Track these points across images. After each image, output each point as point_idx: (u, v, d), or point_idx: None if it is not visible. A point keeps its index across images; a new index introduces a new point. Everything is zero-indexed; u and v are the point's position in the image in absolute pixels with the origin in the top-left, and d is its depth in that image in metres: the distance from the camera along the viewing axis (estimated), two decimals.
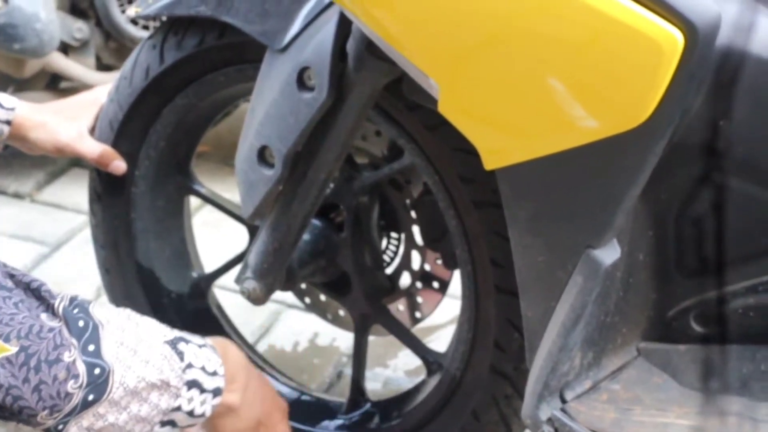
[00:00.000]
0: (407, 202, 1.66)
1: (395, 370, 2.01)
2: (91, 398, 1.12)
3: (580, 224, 1.11)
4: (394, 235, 1.72)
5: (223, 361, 1.25)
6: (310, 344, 2.08)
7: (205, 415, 1.23)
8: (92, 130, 1.67)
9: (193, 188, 1.78)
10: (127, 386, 1.14)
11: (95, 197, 1.73)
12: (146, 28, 2.54)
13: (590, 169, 1.07)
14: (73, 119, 1.65)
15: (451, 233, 1.46)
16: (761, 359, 1.20)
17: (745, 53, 1.09)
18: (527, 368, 1.21)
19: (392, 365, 2.02)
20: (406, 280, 1.73)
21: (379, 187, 1.64)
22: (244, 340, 1.85)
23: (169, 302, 1.79)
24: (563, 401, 1.19)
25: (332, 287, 1.71)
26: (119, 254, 1.75)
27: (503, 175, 1.13)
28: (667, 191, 1.17)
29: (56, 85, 2.63)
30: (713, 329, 1.22)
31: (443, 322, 2.07)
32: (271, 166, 1.40)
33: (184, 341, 1.22)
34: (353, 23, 1.27)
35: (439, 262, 1.71)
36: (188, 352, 1.21)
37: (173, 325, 1.68)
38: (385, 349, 2.03)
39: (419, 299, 1.75)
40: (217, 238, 2.17)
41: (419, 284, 1.74)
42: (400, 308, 1.76)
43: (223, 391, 1.24)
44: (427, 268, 1.73)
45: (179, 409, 1.20)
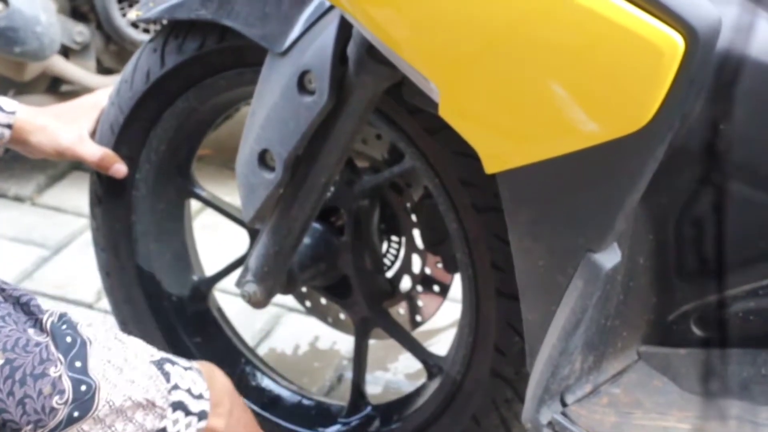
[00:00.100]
0: (408, 205, 1.66)
1: (396, 373, 2.01)
2: (76, 415, 1.11)
3: (580, 228, 1.11)
4: (394, 238, 1.72)
5: (208, 385, 1.24)
6: (310, 348, 2.08)
7: None
8: (93, 133, 1.67)
9: (193, 191, 1.78)
10: (113, 404, 1.13)
11: (96, 200, 1.73)
12: (147, 31, 2.54)
13: (591, 173, 1.07)
14: (73, 122, 1.65)
15: (451, 237, 1.46)
16: (761, 363, 1.20)
17: (744, 57, 1.09)
18: (528, 372, 1.21)
19: (393, 369, 2.02)
20: (406, 283, 1.73)
21: (379, 190, 1.64)
22: (244, 343, 1.85)
23: (169, 305, 1.78)
24: (564, 405, 1.19)
25: (333, 291, 1.71)
26: (120, 257, 1.75)
27: (504, 178, 1.13)
28: (667, 195, 1.17)
29: (57, 88, 2.63)
30: (713, 333, 1.22)
31: (444, 325, 2.07)
32: (271, 169, 1.41)
33: (170, 362, 1.21)
34: (354, 27, 1.27)
35: (439, 265, 1.70)
36: (174, 373, 1.20)
37: (174, 328, 1.67)
38: (385, 352, 2.03)
39: (420, 303, 1.75)
40: (217, 241, 2.17)
41: (420, 288, 1.74)
42: (400, 312, 1.76)
43: (208, 414, 1.23)
44: (427, 271, 1.73)
45: (164, 430, 1.19)
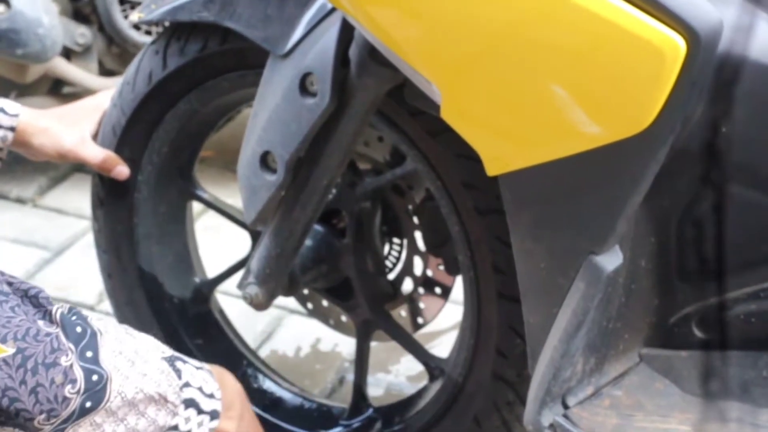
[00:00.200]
0: (409, 207, 1.66)
1: (397, 375, 2.01)
2: (88, 405, 1.11)
3: (582, 230, 1.11)
4: (396, 240, 1.72)
5: (220, 386, 1.25)
6: (312, 350, 2.08)
7: None
8: (95, 135, 1.67)
9: (195, 193, 1.78)
10: (125, 396, 1.13)
11: (98, 202, 1.74)
12: (149, 33, 2.54)
13: (592, 175, 1.07)
14: (75, 125, 1.65)
15: (453, 239, 1.46)
16: (763, 365, 1.20)
17: (746, 59, 1.09)
18: (529, 374, 1.21)
19: (394, 371, 2.02)
20: (408, 285, 1.73)
21: (381, 192, 1.64)
22: (246, 345, 1.85)
23: (171, 307, 1.78)
24: (565, 407, 1.19)
25: (334, 293, 1.71)
26: (122, 259, 1.75)
27: (505, 181, 1.13)
28: (669, 197, 1.17)
29: (59, 90, 2.63)
30: (715, 335, 1.22)
31: (445, 327, 2.07)
32: (273, 171, 1.41)
33: (181, 360, 1.22)
34: (356, 29, 1.27)
35: (441, 267, 1.70)
36: (186, 371, 1.21)
37: (176, 330, 1.67)
38: (387, 354, 2.03)
39: (421, 305, 1.75)
40: (219, 243, 2.17)
41: (421, 290, 1.74)
42: (402, 314, 1.76)
43: (220, 414, 1.23)
44: (429, 273, 1.73)
45: (176, 428, 1.19)
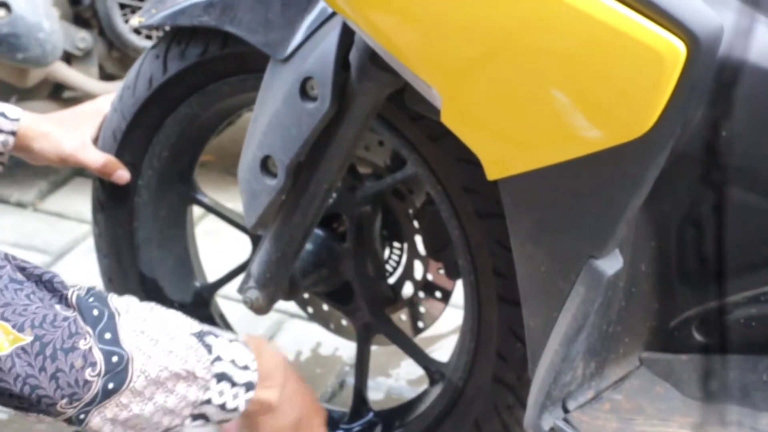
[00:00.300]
0: (410, 212, 1.66)
1: (398, 379, 2.01)
2: (111, 387, 1.11)
3: (582, 234, 1.11)
4: (396, 244, 1.72)
5: (256, 357, 1.24)
6: (312, 354, 2.08)
7: (238, 409, 1.22)
8: (95, 139, 1.67)
9: (196, 198, 1.78)
10: (148, 375, 1.13)
11: (98, 207, 1.74)
12: (149, 37, 2.54)
13: (592, 179, 1.07)
14: (76, 129, 1.65)
15: (453, 243, 1.46)
16: (763, 369, 1.20)
17: (745, 63, 1.10)
18: (529, 378, 1.21)
19: (395, 375, 2.02)
20: (408, 289, 1.73)
21: (381, 196, 1.64)
22: None
23: None
24: (566, 411, 1.19)
25: (335, 297, 1.71)
26: (122, 264, 1.75)
27: (506, 185, 1.13)
28: (669, 201, 1.17)
29: (59, 94, 2.63)
30: (715, 339, 1.22)
31: (446, 331, 2.07)
32: (273, 175, 1.41)
33: (212, 335, 1.21)
34: (356, 34, 1.27)
35: (441, 271, 1.70)
36: (217, 345, 1.20)
37: None
38: (387, 358, 2.03)
39: (422, 309, 1.75)
40: (219, 247, 2.17)
41: (422, 294, 1.74)
42: (402, 318, 1.76)
43: (255, 385, 1.22)
44: (429, 277, 1.73)
45: (209, 402, 1.19)
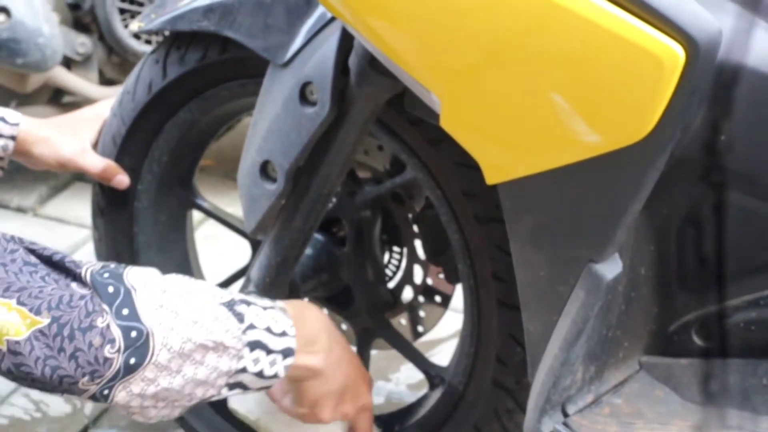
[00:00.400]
0: (409, 216, 1.66)
1: (397, 383, 2.01)
2: (132, 362, 1.11)
3: (581, 238, 1.11)
4: (396, 249, 1.72)
5: (296, 322, 1.23)
6: None
7: (278, 375, 1.21)
8: (95, 144, 1.67)
9: (195, 202, 1.78)
10: (171, 348, 1.12)
11: (98, 212, 1.74)
12: (149, 42, 2.55)
13: (592, 183, 1.07)
14: (76, 134, 1.65)
15: (453, 247, 1.46)
16: (763, 373, 1.20)
17: (744, 67, 1.10)
18: (529, 382, 1.21)
19: (394, 379, 2.02)
20: (408, 294, 1.74)
21: (381, 201, 1.64)
22: None
23: None
24: (565, 415, 1.19)
25: (335, 301, 1.71)
26: None
27: (505, 189, 1.13)
28: (668, 205, 1.17)
29: (59, 99, 2.64)
30: (715, 343, 1.22)
31: (445, 336, 2.07)
32: (273, 180, 1.41)
33: (245, 303, 1.20)
34: (355, 38, 1.27)
35: (441, 276, 1.71)
36: (249, 313, 1.19)
37: None
38: (387, 362, 2.03)
39: (421, 313, 1.75)
40: (219, 252, 2.17)
41: (421, 298, 1.74)
42: (402, 322, 1.76)
43: (294, 351, 1.22)
44: (429, 282, 1.73)
45: (245, 370, 1.18)
